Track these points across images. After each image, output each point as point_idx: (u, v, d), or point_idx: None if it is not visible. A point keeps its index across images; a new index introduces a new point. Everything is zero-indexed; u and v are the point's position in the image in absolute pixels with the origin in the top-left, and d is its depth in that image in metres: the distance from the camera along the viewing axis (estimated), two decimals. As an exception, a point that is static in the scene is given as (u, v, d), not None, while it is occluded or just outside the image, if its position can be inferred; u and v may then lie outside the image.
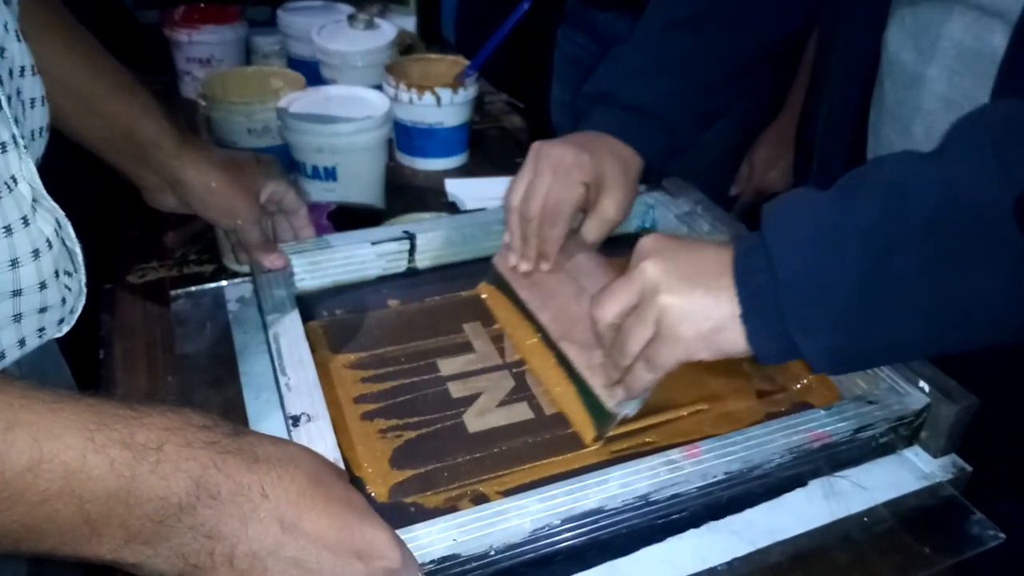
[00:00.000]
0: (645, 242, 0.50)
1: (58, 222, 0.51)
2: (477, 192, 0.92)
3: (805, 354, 0.45)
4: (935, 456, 0.56)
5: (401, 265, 0.71)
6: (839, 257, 0.43)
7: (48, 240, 0.49)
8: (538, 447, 0.54)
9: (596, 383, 0.55)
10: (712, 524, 0.50)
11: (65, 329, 0.54)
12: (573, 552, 0.47)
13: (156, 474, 0.34)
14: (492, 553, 0.44)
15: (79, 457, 0.33)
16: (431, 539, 0.43)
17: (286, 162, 0.86)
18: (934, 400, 0.55)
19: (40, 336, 0.52)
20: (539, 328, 0.62)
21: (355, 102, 0.87)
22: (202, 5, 1.18)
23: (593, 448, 0.54)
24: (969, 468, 0.55)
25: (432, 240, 0.71)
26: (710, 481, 0.49)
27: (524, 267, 0.64)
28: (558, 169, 0.61)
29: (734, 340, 0.46)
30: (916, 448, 0.56)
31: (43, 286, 0.49)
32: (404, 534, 0.42)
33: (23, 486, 0.33)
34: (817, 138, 0.72)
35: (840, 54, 0.67)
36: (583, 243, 0.64)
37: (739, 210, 1.19)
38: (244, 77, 0.96)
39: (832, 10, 0.68)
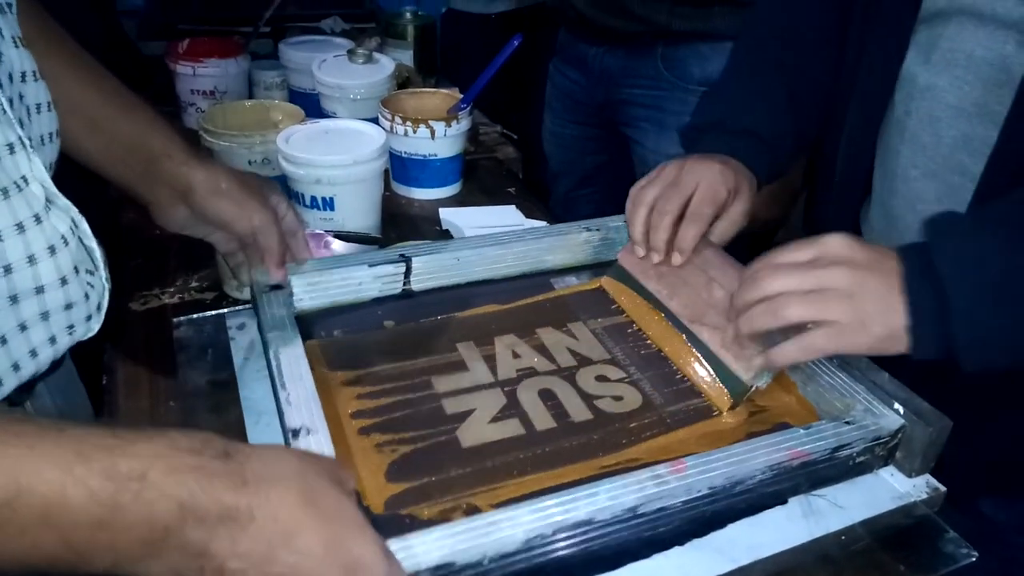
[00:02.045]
0: (833, 241, 0.55)
1: (73, 221, 0.52)
2: (471, 220, 0.95)
3: (963, 364, 0.51)
4: (910, 476, 0.58)
5: (397, 287, 0.73)
6: (1011, 292, 0.49)
7: (63, 237, 0.51)
8: (528, 461, 0.55)
9: (729, 359, 0.62)
10: (696, 542, 0.52)
11: (95, 327, 0.55)
12: (564, 564, 0.49)
13: (139, 502, 0.35)
14: (485, 562, 0.46)
15: (58, 491, 0.34)
16: (426, 547, 0.45)
17: (285, 192, 0.89)
18: (909, 422, 0.57)
19: (71, 333, 0.53)
20: (667, 315, 0.68)
21: (352, 135, 0.90)
22: (206, 39, 1.21)
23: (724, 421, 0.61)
24: (943, 488, 0.57)
25: (426, 263, 0.73)
26: (695, 495, 0.51)
27: (656, 258, 0.69)
28: (705, 177, 0.68)
29: (898, 347, 0.53)
30: (891, 468, 0.58)
31: (64, 282, 0.51)
32: (400, 543, 0.44)
33: (2, 520, 0.34)
34: (839, 158, 0.77)
35: (862, 79, 0.73)
36: (707, 241, 0.70)
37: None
38: (245, 110, 0.99)
39: (855, 37, 0.74)
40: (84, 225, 0.53)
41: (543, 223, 0.95)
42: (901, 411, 0.57)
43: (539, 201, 1.03)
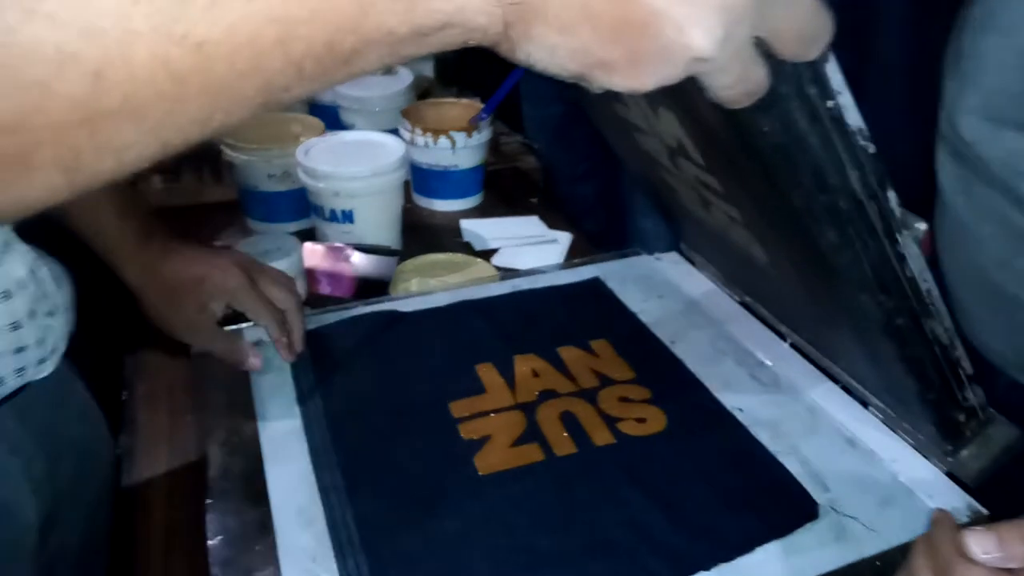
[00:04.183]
0: None
1: (35, 264, 0.51)
2: (492, 232, 0.94)
3: None
4: (970, 479, 0.55)
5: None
6: None
7: (19, 281, 0.50)
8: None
9: None
10: (722, 567, 0.50)
11: (48, 369, 0.54)
12: None
13: None
14: None
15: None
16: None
17: (305, 205, 0.88)
18: (996, 419, 0.55)
19: (20, 375, 0.52)
20: None
21: (371, 147, 0.89)
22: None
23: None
24: (986, 512, 0.55)
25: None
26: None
27: None
28: None
29: None
30: (931, 491, 0.56)
31: (16, 326, 0.50)
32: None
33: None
34: None
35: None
36: None
37: None
38: (265, 123, 0.98)
39: None
40: (44, 270, 0.52)
41: (566, 234, 0.93)
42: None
43: (561, 211, 1.01)
